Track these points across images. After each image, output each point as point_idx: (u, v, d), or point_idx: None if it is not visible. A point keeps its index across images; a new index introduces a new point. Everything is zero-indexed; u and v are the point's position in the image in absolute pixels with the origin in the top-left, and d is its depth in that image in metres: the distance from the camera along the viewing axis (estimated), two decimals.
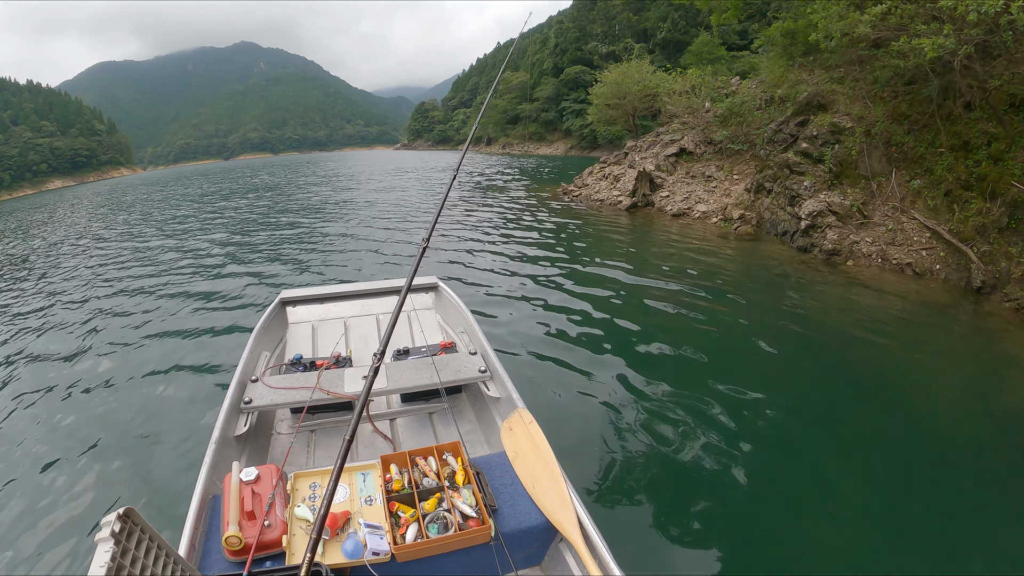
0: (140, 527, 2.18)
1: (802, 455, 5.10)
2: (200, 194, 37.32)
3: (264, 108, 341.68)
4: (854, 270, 10.51)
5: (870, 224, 11.31)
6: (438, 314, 5.89)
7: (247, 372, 4.13)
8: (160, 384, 6.68)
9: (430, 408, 4.54)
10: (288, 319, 5.64)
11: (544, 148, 73.80)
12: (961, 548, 3.98)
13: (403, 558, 2.60)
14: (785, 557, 3.95)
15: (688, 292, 9.51)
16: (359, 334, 5.50)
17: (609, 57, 69.30)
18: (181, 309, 9.69)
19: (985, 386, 6.44)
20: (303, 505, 2.76)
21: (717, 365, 6.79)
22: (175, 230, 20.12)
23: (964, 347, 7.45)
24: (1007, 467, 4.88)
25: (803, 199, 12.14)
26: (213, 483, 2.98)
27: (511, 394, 3.80)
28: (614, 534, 2.81)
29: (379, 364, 2.60)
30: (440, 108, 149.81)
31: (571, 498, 2.82)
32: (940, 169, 10.88)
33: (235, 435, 3.55)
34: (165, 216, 25.35)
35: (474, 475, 2.99)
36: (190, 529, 2.56)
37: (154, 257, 14.90)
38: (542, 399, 5.93)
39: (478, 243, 14.02)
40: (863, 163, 12.04)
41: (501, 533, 2.73)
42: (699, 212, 15.81)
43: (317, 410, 4.24)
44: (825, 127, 12.81)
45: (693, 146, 18.70)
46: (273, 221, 20.72)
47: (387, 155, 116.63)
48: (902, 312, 8.48)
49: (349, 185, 36.25)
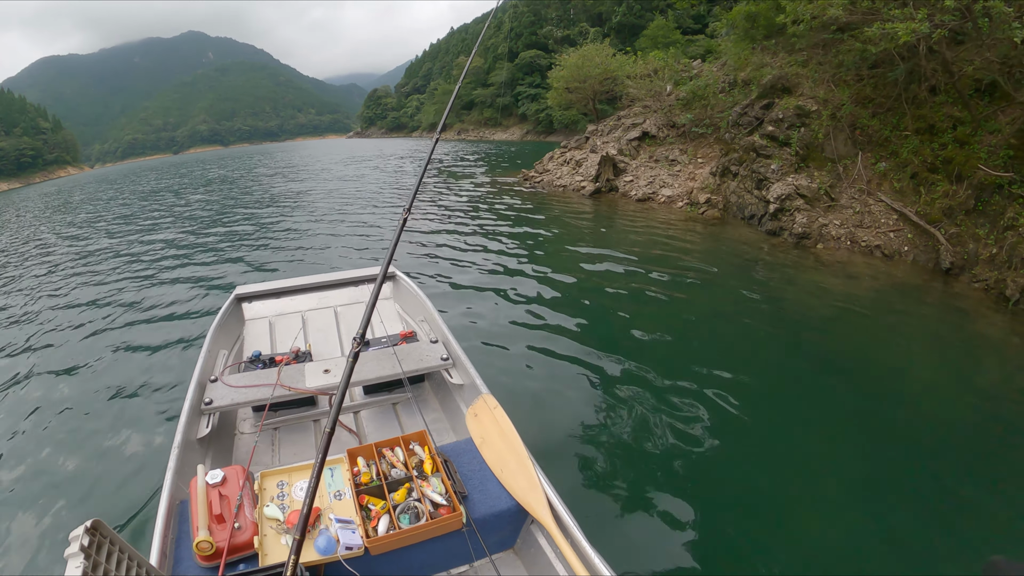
0: (109, 539, 2.15)
1: (777, 437, 5.09)
2: (150, 191, 35.97)
3: (213, 99, 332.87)
4: (824, 253, 10.49)
5: (837, 207, 11.31)
6: (397, 304, 5.86)
7: (206, 372, 4.04)
8: (118, 391, 6.45)
9: (394, 399, 4.55)
10: (244, 315, 5.51)
11: (500, 133, 73.50)
12: (942, 526, 4.02)
13: (377, 551, 2.60)
14: (762, 538, 3.93)
15: (657, 277, 9.40)
16: (317, 327, 5.41)
17: (564, 41, 69.13)
18: (135, 313, 9.37)
19: (961, 367, 6.46)
20: (272, 504, 2.73)
21: (687, 349, 6.80)
22: (126, 230, 19.41)
23: (938, 328, 7.46)
24: (986, 446, 4.94)
25: (770, 182, 12.05)
26: (179, 488, 2.93)
27: (475, 380, 3.83)
28: (585, 513, 2.89)
29: (359, 348, 2.47)
30: (393, 95, 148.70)
31: (539, 480, 2.85)
32: (906, 152, 10.92)
33: (198, 438, 3.48)
34: (115, 216, 24.35)
35: (442, 463, 3.01)
36: (160, 537, 2.52)
37: (105, 259, 14.31)
38: (507, 384, 5.88)
39: (441, 231, 13.75)
40: (829, 146, 12.03)
41: (473, 519, 2.76)
42: (664, 196, 15.64)
43: (279, 407, 4.21)
44: (791, 110, 12.73)
45: (656, 130, 18.53)
46: (227, 216, 20.13)
47: (340, 144, 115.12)
48: (874, 294, 8.49)
49: (303, 176, 35.60)
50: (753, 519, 4.11)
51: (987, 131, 9.83)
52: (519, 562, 3.04)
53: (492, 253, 11.51)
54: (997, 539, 3.91)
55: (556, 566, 2.77)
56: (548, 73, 32.72)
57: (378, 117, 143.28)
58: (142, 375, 6.77)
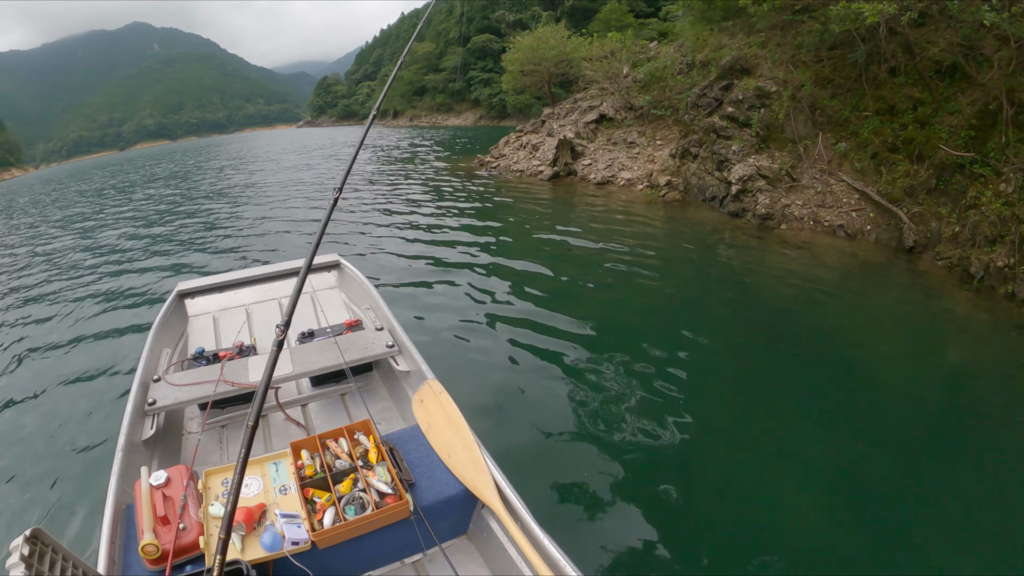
0: (51, 547, 2.13)
1: (743, 420, 5.03)
2: (95, 190, 34.30)
3: (159, 92, 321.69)
4: (788, 234, 10.42)
5: (799, 187, 11.24)
6: (342, 292, 5.82)
7: (148, 372, 3.97)
8: (60, 396, 6.30)
9: (341, 390, 4.48)
10: (188, 312, 5.42)
11: (453, 119, 73.25)
12: (915, 500, 4.02)
13: (324, 544, 2.56)
14: (726, 522, 3.90)
15: (618, 261, 9.24)
16: (262, 320, 5.33)
17: (517, 25, 68.73)
18: (77, 314, 9.08)
19: (929, 344, 6.49)
20: (217, 503, 2.67)
21: (649, 332, 6.69)
22: (70, 232, 18.61)
23: (904, 306, 7.46)
24: (955, 422, 5.00)
25: (732, 164, 11.90)
26: (125, 492, 2.85)
27: (420, 366, 3.83)
28: (540, 498, 3.06)
29: (283, 337, 2.34)
30: (343, 82, 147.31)
31: (486, 463, 2.85)
32: (866, 132, 10.93)
33: (143, 439, 3.40)
34: (59, 218, 23.31)
35: (387, 451, 2.98)
36: (107, 543, 2.46)
37: (48, 261, 13.83)
38: (458, 369, 5.93)
39: (395, 219, 13.44)
40: (790, 127, 11.97)
41: (421, 506, 2.74)
42: (624, 180, 15.39)
43: (225, 403, 4.10)
44: (751, 91, 12.64)
45: (613, 112, 18.31)
46: (173, 213, 19.52)
47: (290, 134, 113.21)
48: (839, 274, 8.49)
49: (252, 169, 34.22)
50: (717, 502, 4.07)
51: (948, 112, 9.86)
52: (473, 547, 3.02)
53: (449, 240, 11.25)
54: (966, 513, 3.91)
55: (508, 549, 2.74)
56: (502, 56, 32.21)
57: (328, 105, 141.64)
58: (84, 380, 6.59)
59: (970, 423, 4.90)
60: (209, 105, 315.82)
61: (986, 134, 8.93)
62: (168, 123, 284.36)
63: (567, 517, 3.92)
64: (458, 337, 6.76)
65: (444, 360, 6.03)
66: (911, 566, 3.51)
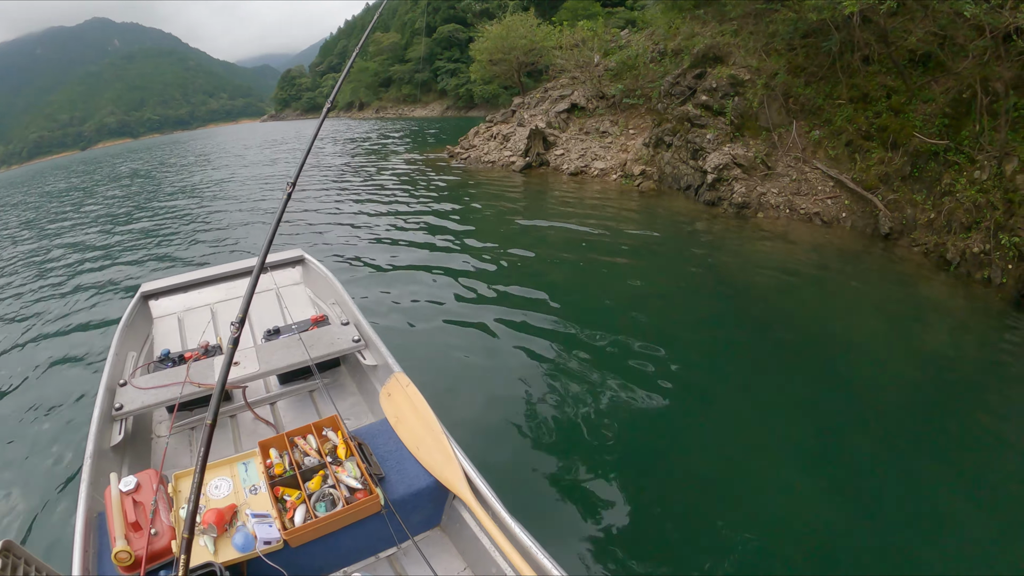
0: (24, 559, 2.17)
1: (722, 409, 5.01)
2: (56, 192, 33.48)
3: (121, 89, 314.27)
4: (765, 222, 10.40)
5: (774, 175, 11.24)
6: (308, 288, 5.80)
7: (114, 376, 3.94)
8: (26, 403, 6.19)
9: (310, 386, 4.47)
10: (152, 313, 5.37)
11: (419, 110, 72.85)
12: (898, 486, 4.02)
13: (296, 542, 2.57)
14: (704, 513, 3.86)
15: (593, 251, 9.20)
16: (227, 319, 5.27)
17: (483, 15, 68.33)
18: (39, 319, 8.97)
19: (907, 330, 6.51)
20: (187, 506, 2.44)
21: (625, 322, 6.66)
22: (30, 236, 18.26)
23: (881, 293, 7.46)
24: (935, 407, 5.01)
25: (706, 152, 11.85)
26: (95, 499, 2.83)
27: (387, 360, 3.88)
28: (513, 488, 3.01)
29: (238, 334, 2.39)
30: (308, 75, 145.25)
31: (455, 455, 2.88)
32: (840, 120, 10.94)
33: (112, 445, 3.36)
34: (18, 222, 22.72)
35: (356, 447, 2.98)
36: (79, 552, 2.45)
37: (8, 265, 13.63)
38: (435, 362, 5.95)
39: (366, 212, 13.31)
40: (764, 115, 11.97)
41: (392, 500, 2.76)
42: (597, 169, 15.27)
43: (193, 405, 4.05)
44: (724, 79, 12.60)
45: (585, 101, 18.18)
46: (135, 213, 19.12)
47: (255, 128, 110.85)
48: (816, 261, 8.49)
49: (216, 166, 33.58)
50: (697, 489, 4.07)
51: (922, 100, 9.90)
52: (447, 539, 3.04)
53: (419, 232, 11.13)
54: (949, 494, 3.95)
55: (481, 539, 2.76)
56: (470, 46, 31.87)
57: (293, 99, 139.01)
58: (50, 387, 6.49)
59: (951, 407, 4.94)
60: (172, 101, 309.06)
61: (960, 122, 8.98)
62: (130, 120, 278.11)
63: (539, 506, 3.91)
64: (432, 329, 6.72)
65: (417, 354, 5.96)
66: (895, 547, 3.52)
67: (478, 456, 2.94)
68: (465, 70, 64.43)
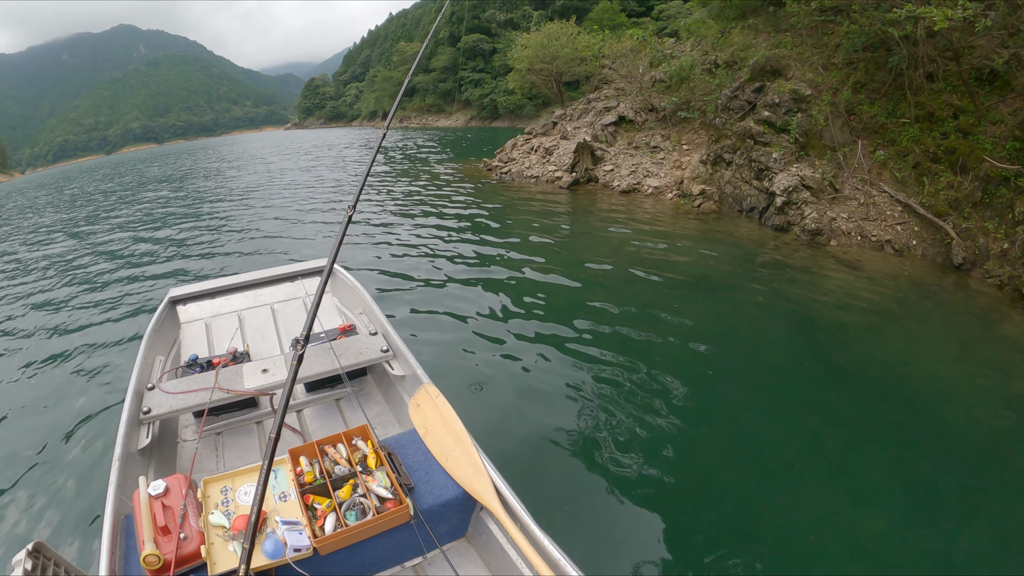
0: (54, 561, 2.22)
1: (800, 451, 4.92)
2: (88, 193, 33.95)
3: (145, 95, 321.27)
4: (838, 250, 10.12)
5: (842, 198, 11.08)
6: (335, 297, 5.91)
7: (142, 380, 4.06)
8: (55, 406, 6.39)
9: (336, 395, 4.58)
10: (180, 319, 5.50)
11: (443, 120, 73.66)
12: (984, 526, 4.01)
13: (325, 550, 2.63)
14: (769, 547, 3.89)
15: (653, 277, 8.96)
16: (254, 326, 5.41)
17: (507, 25, 69.12)
18: (68, 322, 9.17)
19: (993, 373, 6.24)
20: (217, 512, 2.74)
21: (687, 354, 6.52)
22: (61, 237, 18.58)
23: (964, 332, 7.25)
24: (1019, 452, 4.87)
25: (773, 172, 11.73)
26: (123, 502, 2.93)
27: (416, 371, 3.94)
28: (545, 501, 3.16)
29: (303, 351, 2.62)
30: (331, 83, 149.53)
31: (484, 466, 2.93)
32: (905, 140, 10.84)
33: (139, 448, 3.47)
34: (49, 222, 23.19)
35: (386, 456, 3.05)
36: (107, 554, 2.51)
37: (37, 268, 13.79)
38: (463, 376, 6.07)
39: (403, 227, 13.30)
40: (828, 133, 11.86)
41: (420, 510, 2.83)
42: (650, 187, 15.07)
43: (220, 411, 4.22)
44: (787, 94, 12.46)
45: (633, 114, 17.89)
46: (163, 218, 19.53)
47: (279, 136, 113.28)
48: (893, 295, 8.24)
49: (240, 173, 33.95)
50: (769, 543, 3.97)
51: (991, 121, 9.81)
52: (472, 550, 3.10)
53: (459, 245, 11.22)
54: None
55: (508, 551, 2.81)
56: (507, 54, 31.84)
57: (316, 107, 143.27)
58: (79, 389, 6.70)
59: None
60: (196, 108, 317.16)
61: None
62: (154, 126, 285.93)
63: (570, 518, 4.01)
64: (466, 350, 6.76)
65: (452, 367, 6.19)
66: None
67: (520, 472, 3.08)
68: (490, 80, 65.19)
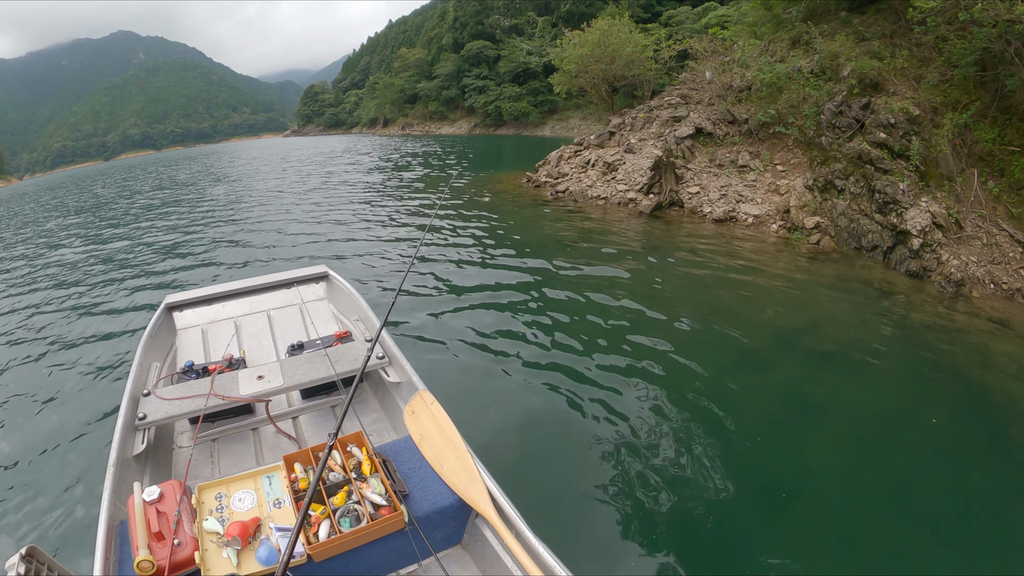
0: (47, 565, 2.30)
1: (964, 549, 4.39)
2: (81, 203, 33.79)
3: (144, 101, 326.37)
4: (982, 302, 8.96)
5: (965, 237, 10.05)
6: (331, 304, 6.08)
7: (138, 386, 4.17)
8: (51, 412, 6.61)
9: (332, 402, 4.68)
10: (176, 325, 5.67)
11: (446, 127, 74.49)
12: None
13: (320, 557, 2.68)
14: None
15: (769, 336, 7.89)
16: (251, 333, 5.58)
17: (512, 31, 69.48)
18: (63, 328, 9.54)
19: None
20: (211, 518, 2.81)
21: (834, 438, 5.80)
22: (57, 243, 19.26)
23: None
24: None
25: (902, 207, 10.33)
26: (117, 508, 3.00)
27: (411, 378, 4.07)
28: (533, 505, 3.07)
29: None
30: (331, 90, 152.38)
31: (479, 473, 3.00)
32: (1018, 172, 10.32)
33: (134, 455, 3.56)
34: (47, 228, 23.90)
35: (380, 463, 3.14)
36: (101, 560, 2.56)
37: (34, 274, 14.36)
38: (459, 385, 6.27)
39: (442, 259, 11.99)
40: (944, 160, 11.19)
41: (415, 517, 2.89)
42: (749, 216, 13.40)
43: (216, 417, 4.31)
44: (900, 114, 11.49)
45: (711, 126, 16.34)
46: (159, 224, 20.26)
47: (278, 143, 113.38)
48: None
49: (238, 179, 35.41)
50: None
51: None
52: (468, 557, 3.16)
53: (508, 274, 10.64)
54: None
55: (503, 558, 2.88)
56: (552, 52, 30.64)
57: (315, 114, 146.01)
58: (74, 395, 6.92)
59: None
60: (194, 114, 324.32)
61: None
62: (153, 132, 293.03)
63: (574, 529, 4.08)
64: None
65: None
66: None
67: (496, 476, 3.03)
68: (494, 87, 64.98)
